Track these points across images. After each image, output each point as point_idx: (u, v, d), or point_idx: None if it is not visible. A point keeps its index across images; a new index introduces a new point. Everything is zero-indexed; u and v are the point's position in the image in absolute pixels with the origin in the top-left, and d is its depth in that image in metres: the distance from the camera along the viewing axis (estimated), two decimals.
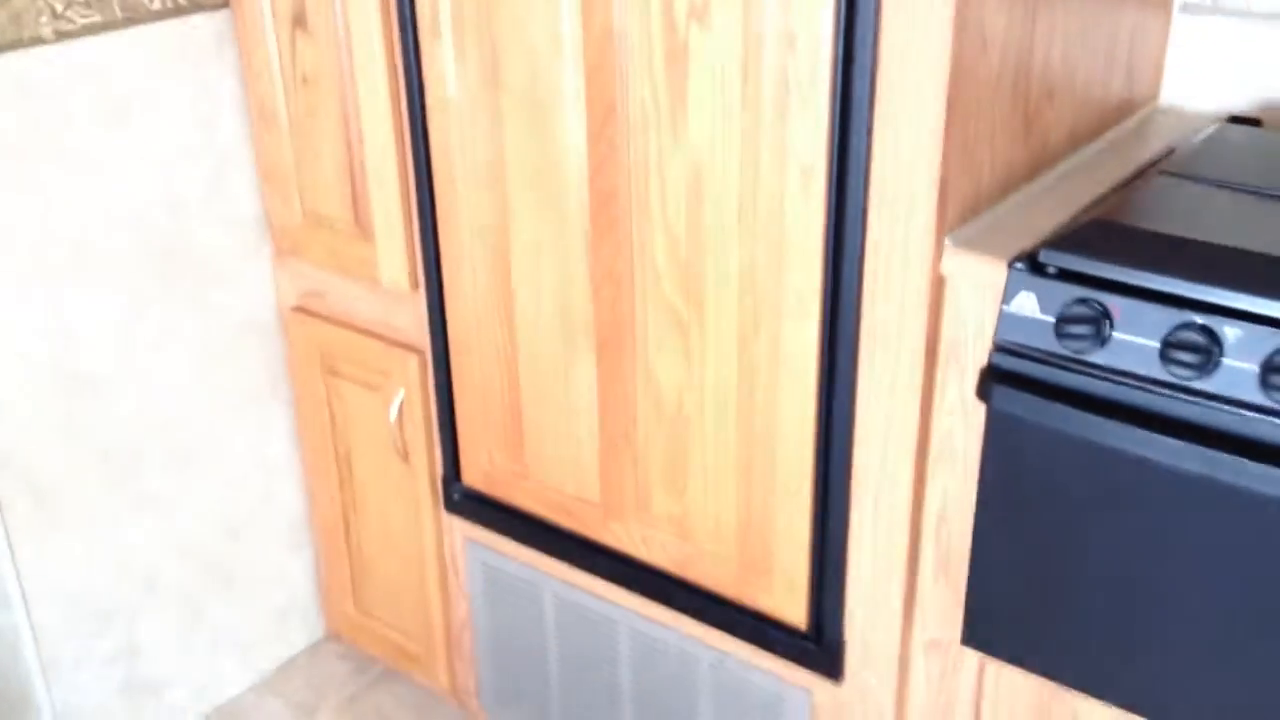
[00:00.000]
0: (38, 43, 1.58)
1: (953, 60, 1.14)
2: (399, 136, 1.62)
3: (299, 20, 1.68)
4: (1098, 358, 1.15)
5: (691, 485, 1.50)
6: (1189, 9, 1.58)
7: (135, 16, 1.68)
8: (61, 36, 1.61)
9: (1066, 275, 1.17)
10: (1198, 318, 1.10)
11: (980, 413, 1.28)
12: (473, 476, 1.76)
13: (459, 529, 1.86)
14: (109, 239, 1.73)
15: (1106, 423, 1.13)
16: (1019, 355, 1.20)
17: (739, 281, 1.35)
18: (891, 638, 1.43)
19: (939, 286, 1.26)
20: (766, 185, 1.28)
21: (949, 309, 1.27)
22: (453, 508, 1.82)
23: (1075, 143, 1.45)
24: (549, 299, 1.53)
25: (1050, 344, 1.17)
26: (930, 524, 1.37)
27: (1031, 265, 1.19)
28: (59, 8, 1.59)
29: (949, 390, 1.30)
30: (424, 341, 1.76)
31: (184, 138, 1.78)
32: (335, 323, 1.89)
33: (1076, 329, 1.14)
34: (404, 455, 1.86)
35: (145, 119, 1.73)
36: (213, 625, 2.06)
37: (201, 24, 1.76)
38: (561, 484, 1.64)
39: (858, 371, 1.32)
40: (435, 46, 1.50)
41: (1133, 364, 1.13)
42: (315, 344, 1.93)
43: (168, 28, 1.72)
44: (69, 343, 1.72)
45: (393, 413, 1.83)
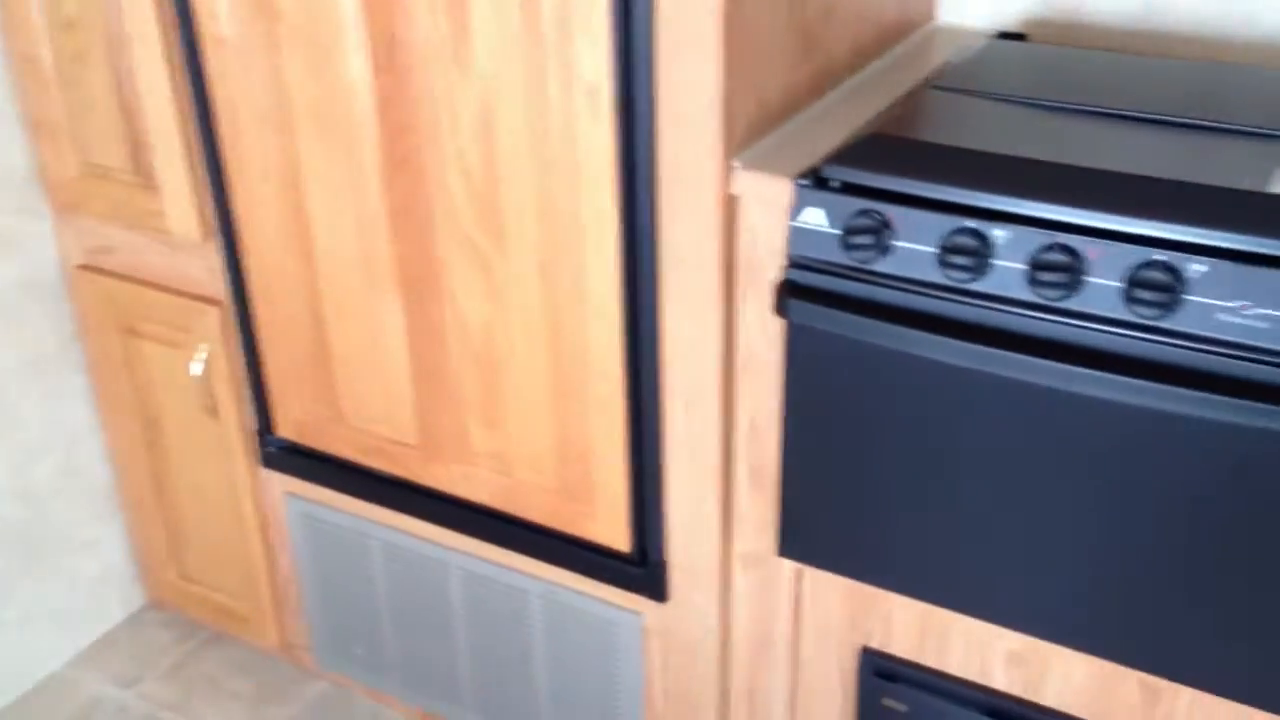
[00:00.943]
0: None
1: None
2: (175, 78, 1.55)
3: None
4: (882, 266, 1.20)
5: (508, 419, 1.51)
6: None
7: None
8: None
9: (849, 189, 1.21)
10: (968, 222, 1.15)
11: (779, 326, 1.32)
12: (286, 428, 1.72)
13: (277, 482, 1.82)
14: None
15: (893, 328, 1.19)
16: (810, 269, 1.24)
17: (537, 211, 1.35)
18: (712, 554, 1.47)
19: (731, 206, 1.29)
20: (556, 111, 1.28)
21: (742, 227, 1.30)
22: (268, 461, 1.78)
23: (858, 62, 1.50)
24: (349, 240, 1.50)
25: (838, 255, 1.22)
26: (741, 438, 1.41)
27: (816, 181, 1.22)
28: None
29: (749, 306, 1.34)
30: (223, 293, 1.71)
31: None
32: (127, 279, 1.81)
33: (860, 239, 1.19)
34: (213, 412, 1.81)
35: None
36: (21, 601, 1.97)
37: None
38: (377, 428, 1.63)
39: (660, 293, 1.34)
40: None
41: (914, 270, 1.19)
42: (108, 303, 1.84)
43: None
44: None
45: (196, 369, 1.77)
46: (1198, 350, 1.08)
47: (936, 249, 1.17)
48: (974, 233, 1.15)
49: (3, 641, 1.96)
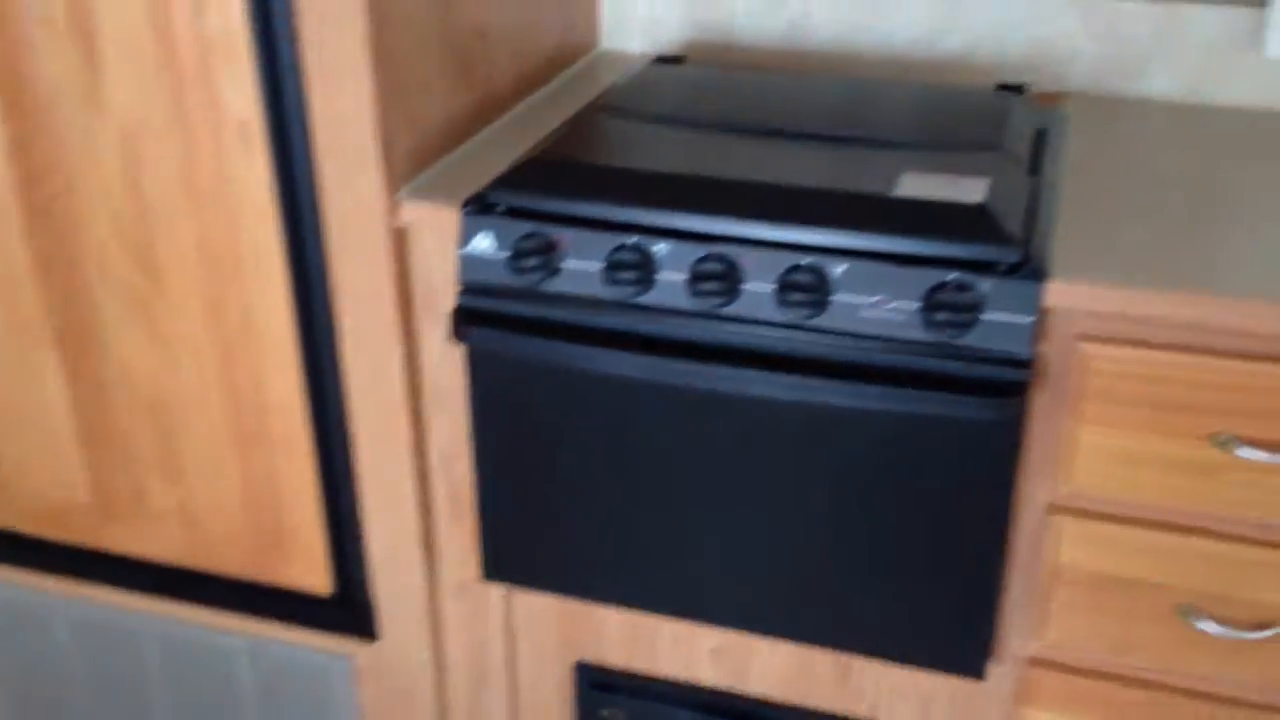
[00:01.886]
0: None
1: (370, 6, 1.15)
2: None
3: None
4: (552, 286, 1.22)
5: (188, 469, 1.44)
6: None
7: None
8: None
9: (515, 212, 1.23)
10: (631, 239, 1.19)
11: (461, 353, 1.32)
12: None
13: None
14: None
15: (566, 346, 1.21)
16: (484, 293, 1.25)
17: (197, 253, 1.30)
18: (418, 586, 1.45)
19: (401, 236, 1.28)
20: (206, 148, 1.23)
21: (415, 257, 1.30)
22: None
23: (523, 89, 1.52)
24: None
25: (509, 279, 1.23)
26: (436, 468, 1.41)
27: (482, 206, 1.23)
28: None
29: (429, 335, 1.33)
30: None
31: None
32: None
33: (529, 262, 1.21)
34: None
35: None
36: None
37: None
38: (45, 492, 1.51)
39: (337, 328, 1.32)
40: None
41: (583, 288, 1.22)
42: None
43: None
44: None
45: None
46: (847, 345, 1.16)
47: (603, 266, 1.20)
48: (636, 248, 1.19)
49: None
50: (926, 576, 1.23)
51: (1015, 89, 1.50)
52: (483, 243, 1.24)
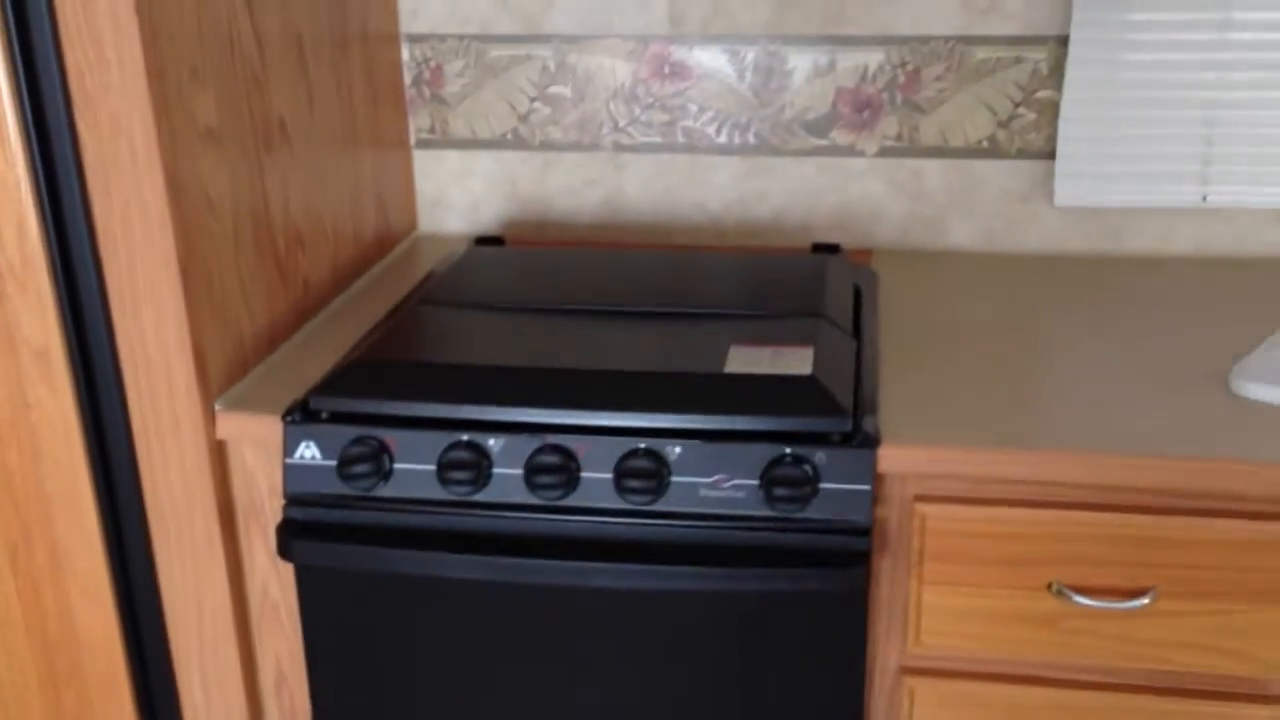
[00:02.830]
0: None
1: (177, 225, 1.11)
2: None
3: None
4: (385, 491, 1.18)
5: None
6: (423, 144, 1.70)
7: None
8: None
9: (340, 418, 1.19)
10: (464, 435, 1.16)
11: (290, 569, 1.26)
12: None
13: None
14: None
15: (402, 553, 1.16)
16: (312, 504, 1.19)
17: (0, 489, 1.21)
18: None
19: (220, 451, 1.22)
20: (3, 376, 1.16)
21: (235, 471, 1.24)
22: None
23: (340, 283, 1.50)
24: None
25: (338, 488, 1.18)
26: (269, 689, 1.32)
27: (305, 414, 1.19)
28: None
29: (256, 551, 1.27)
30: None
31: None
32: None
33: (358, 469, 1.16)
34: None
35: None
36: None
37: None
38: None
39: (153, 553, 1.24)
40: None
41: (416, 490, 1.17)
42: None
43: None
44: None
45: None
46: (690, 527, 1.14)
47: (435, 466, 1.17)
48: (470, 445, 1.16)
49: None
50: None
51: (830, 248, 1.55)
52: (307, 451, 1.19)
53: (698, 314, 1.33)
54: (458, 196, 1.72)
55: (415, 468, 1.17)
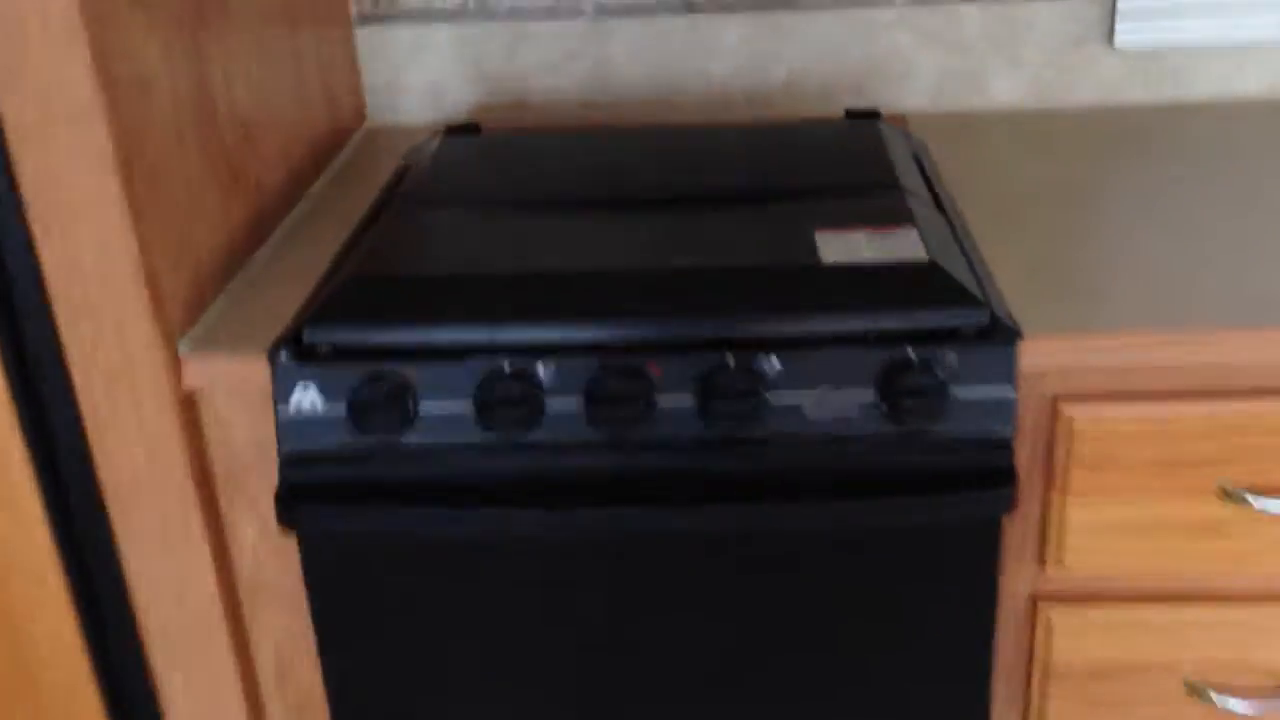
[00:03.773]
0: None
1: (110, 110, 0.84)
2: None
3: None
4: (411, 438, 0.94)
5: None
6: (367, 20, 1.42)
7: None
8: None
9: (345, 353, 0.94)
10: (505, 362, 0.93)
11: (287, 543, 1.02)
12: None
13: None
14: None
15: (436, 511, 0.93)
16: (316, 461, 0.95)
17: None
18: None
19: (191, 405, 0.97)
20: None
21: (212, 429, 0.98)
22: None
23: (297, 187, 1.23)
24: None
25: (351, 439, 0.94)
26: (268, 677, 1.09)
27: (298, 349, 0.94)
28: None
29: (245, 523, 1.02)
30: None
31: None
32: None
33: (377, 413, 0.92)
34: None
35: None
36: None
37: None
38: None
39: (115, 539, 0.98)
40: None
41: (448, 435, 0.94)
42: None
43: None
44: None
45: None
46: (795, 452, 0.93)
47: (473, 402, 0.93)
48: (516, 375, 0.93)
49: None
50: (904, 696, 1.02)
51: (868, 115, 1.33)
52: (305, 396, 0.94)
53: (758, 198, 1.10)
54: (413, 80, 1.45)
55: (446, 407, 0.94)
